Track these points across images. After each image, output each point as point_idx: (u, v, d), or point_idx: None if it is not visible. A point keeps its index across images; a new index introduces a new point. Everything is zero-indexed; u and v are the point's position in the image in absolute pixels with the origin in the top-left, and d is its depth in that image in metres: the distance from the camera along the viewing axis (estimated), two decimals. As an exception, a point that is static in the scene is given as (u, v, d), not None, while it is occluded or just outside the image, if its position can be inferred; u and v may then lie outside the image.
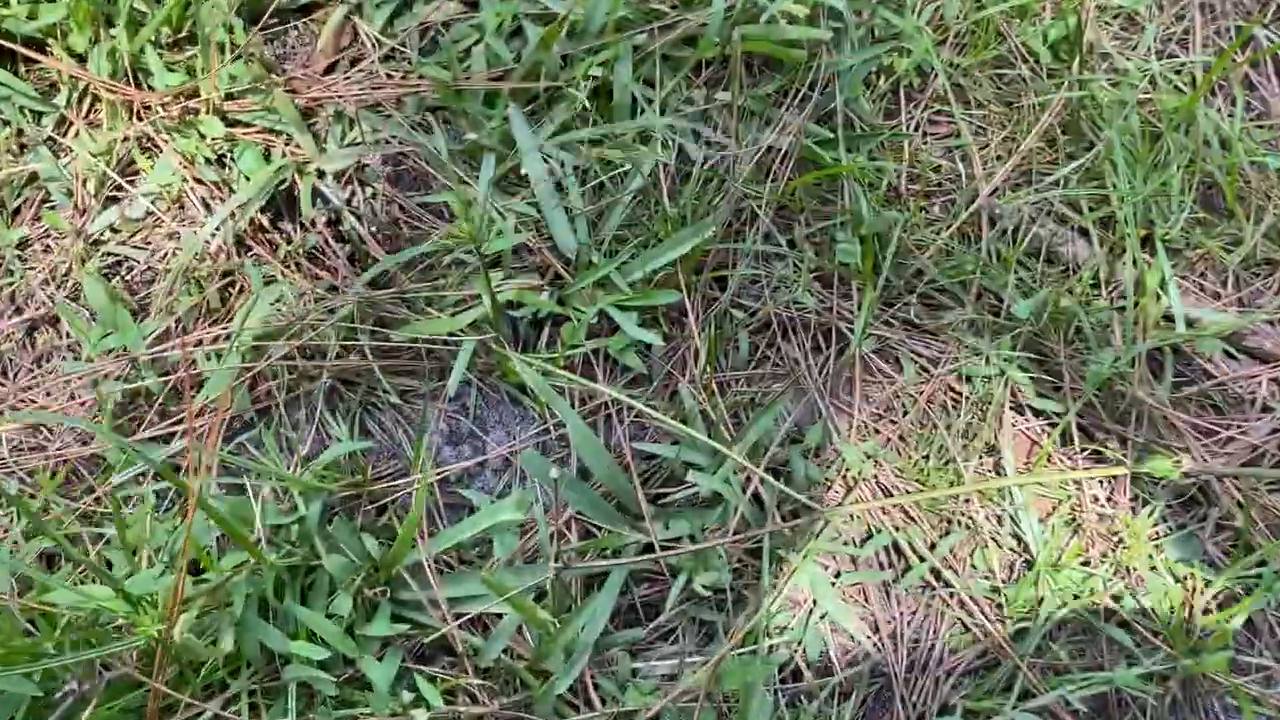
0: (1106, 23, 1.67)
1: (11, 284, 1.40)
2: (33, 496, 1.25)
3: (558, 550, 1.22)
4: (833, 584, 1.34)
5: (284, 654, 1.16)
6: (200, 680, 1.13)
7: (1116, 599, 1.35)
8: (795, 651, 1.31)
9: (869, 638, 1.33)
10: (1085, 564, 1.36)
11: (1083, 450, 1.42)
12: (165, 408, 1.33)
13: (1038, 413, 1.44)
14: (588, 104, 1.45)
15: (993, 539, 1.37)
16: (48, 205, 1.44)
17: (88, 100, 1.47)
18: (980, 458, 1.41)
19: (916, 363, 1.45)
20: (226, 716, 1.00)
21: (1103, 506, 1.40)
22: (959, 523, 1.37)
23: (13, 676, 1.01)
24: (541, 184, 1.44)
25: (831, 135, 1.50)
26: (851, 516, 1.37)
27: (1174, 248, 1.52)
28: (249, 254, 1.43)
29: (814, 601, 1.33)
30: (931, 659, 1.33)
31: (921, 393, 1.43)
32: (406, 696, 1.17)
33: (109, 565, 1.22)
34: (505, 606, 1.21)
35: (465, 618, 1.24)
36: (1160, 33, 1.67)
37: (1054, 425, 1.43)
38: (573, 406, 1.36)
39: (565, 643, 1.22)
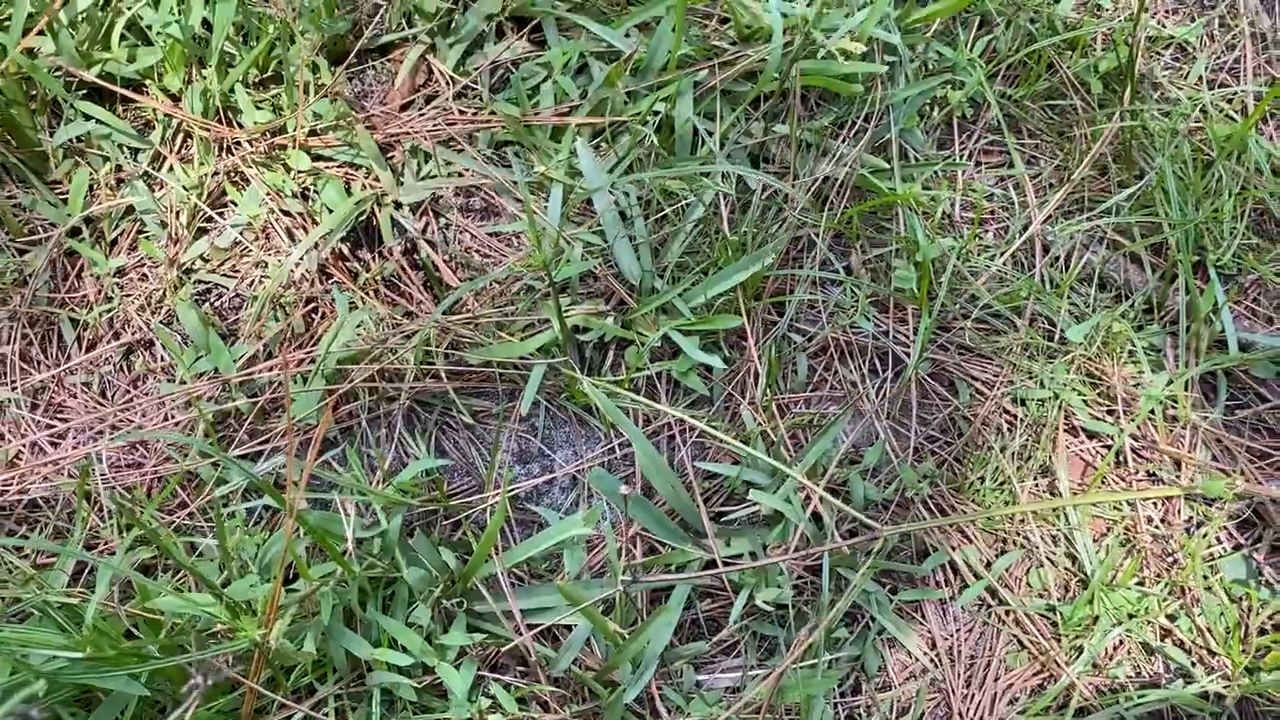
0: (1158, 53, 1.71)
1: (110, 310, 1.49)
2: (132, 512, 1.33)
3: (627, 564, 1.27)
4: (890, 601, 1.38)
5: (368, 661, 1.23)
6: (289, 685, 1.19)
7: (1172, 618, 1.37)
8: (854, 667, 1.35)
9: (926, 654, 1.37)
10: (1140, 584, 1.39)
11: (1136, 472, 1.45)
12: (255, 427, 1.41)
13: (1091, 435, 1.47)
14: (654, 138, 1.51)
15: (1048, 559, 1.40)
16: (143, 235, 1.53)
17: (181, 137, 1.56)
18: (1035, 479, 1.44)
19: (971, 386, 1.49)
20: (317, 717, 1.07)
21: (1157, 528, 1.42)
22: (1015, 542, 1.41)
23: (122, 677, 1.08)
24: (607, 214, 1.51)
25: (886, 165, 1.56)
26: (909, 535, 1.40)
27: (1226, 273, 1.55)
28: (330, 281, 1.51)
29: (872, 618, 1.37)
30: (988, 676, 1.36)
31: (976, 415, 1.47)
32: (484, 703, 1.23)
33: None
34: (578, 618, 1.27)
35: (538, 629, 1.29)
36: (1211, 62, 1.70)
37: (1108, 447, 1.45)
38: (637, 427, 1.42)
39: (633, 654, 1.27)
